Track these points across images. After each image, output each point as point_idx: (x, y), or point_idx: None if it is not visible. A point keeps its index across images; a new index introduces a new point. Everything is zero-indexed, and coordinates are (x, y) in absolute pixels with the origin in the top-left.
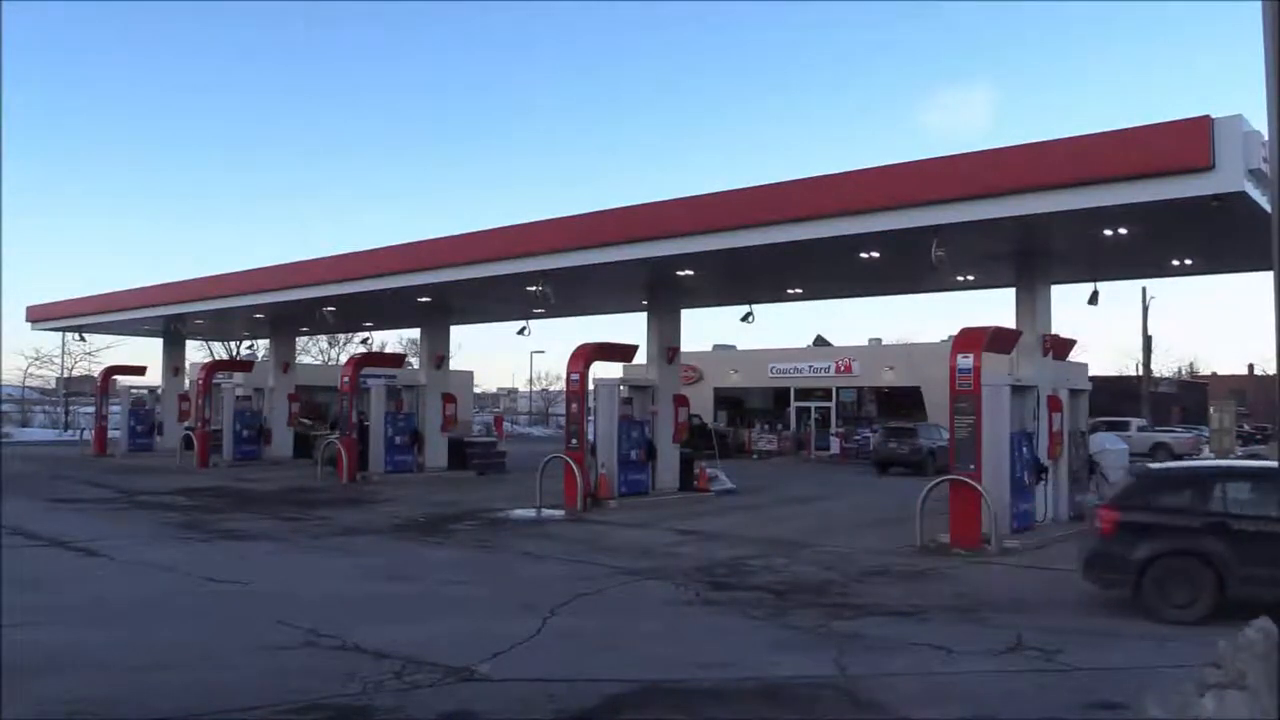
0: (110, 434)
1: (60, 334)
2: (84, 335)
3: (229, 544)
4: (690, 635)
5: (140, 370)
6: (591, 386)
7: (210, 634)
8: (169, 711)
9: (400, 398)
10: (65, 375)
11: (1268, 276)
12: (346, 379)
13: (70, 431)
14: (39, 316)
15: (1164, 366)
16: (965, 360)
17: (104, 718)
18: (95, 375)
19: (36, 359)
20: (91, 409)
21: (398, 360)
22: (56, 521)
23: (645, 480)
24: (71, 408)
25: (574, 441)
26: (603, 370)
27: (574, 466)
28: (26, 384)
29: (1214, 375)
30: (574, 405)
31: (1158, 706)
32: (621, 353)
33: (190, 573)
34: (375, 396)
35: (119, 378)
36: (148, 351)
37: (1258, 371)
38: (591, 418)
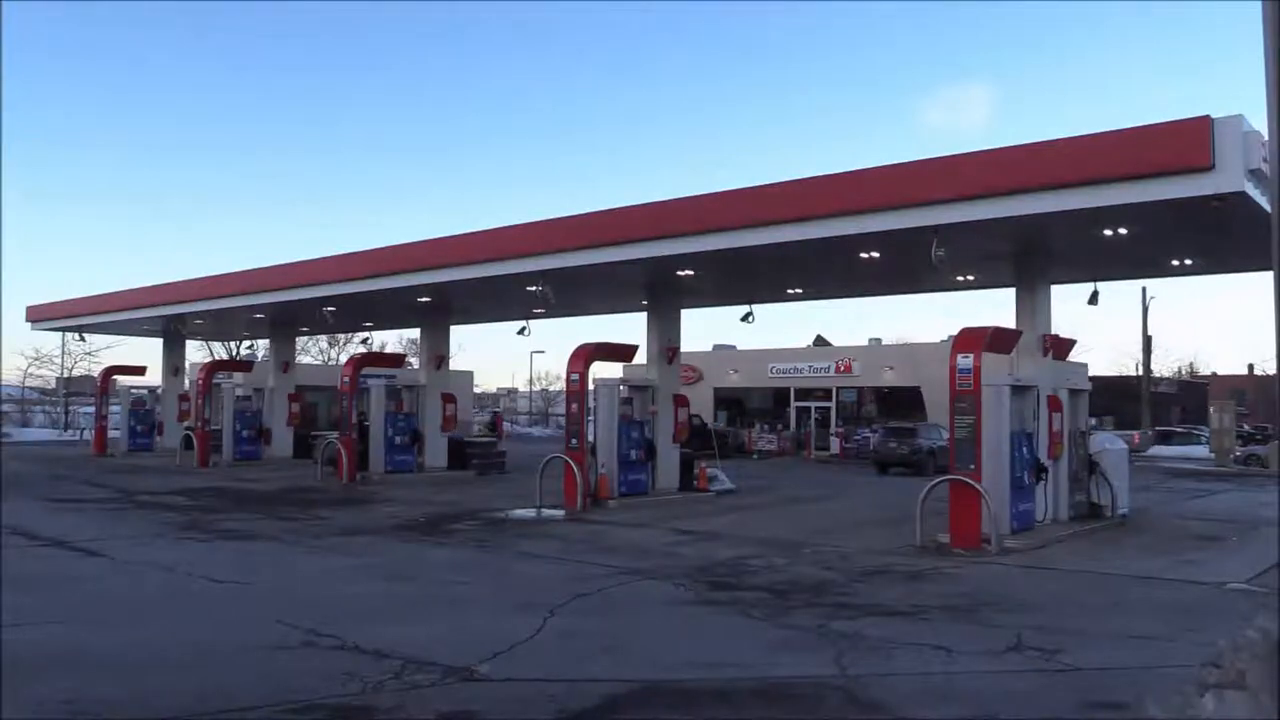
0: (110, 434)
1: (60, 334)
2: (84, 335)
3: (229, 544)
4: (690, 635)
5: (140, 370)
6: (591, 386)
7: (210, 634)
8: (169, 711)
9: (400, 398)
10: (65, 375)
11: (1268, 276)
12: (346, 379)
13: (70, 431)
14: (39, 316)
15: (1164, 366)
16: (965, 360)
17: (104, 718)
18: (95, 375)
19: (36, 359)
20: (91, 409)
21: (398, 360)
22: (57, 521)
23: (645, 480)
24: (71, 408)
25: (574, 441)
26: (603, 370)
27: (574, 466)
28: (26, 384)
29: (1214, 375)
30: (574, 405)
31: (1158, 706)
32: (621, 353)
33: (190, 573)
34: (375, 396)
35: (119, 378)
36: (148, 351)
37: (1258, 371)
38: (591, 418)
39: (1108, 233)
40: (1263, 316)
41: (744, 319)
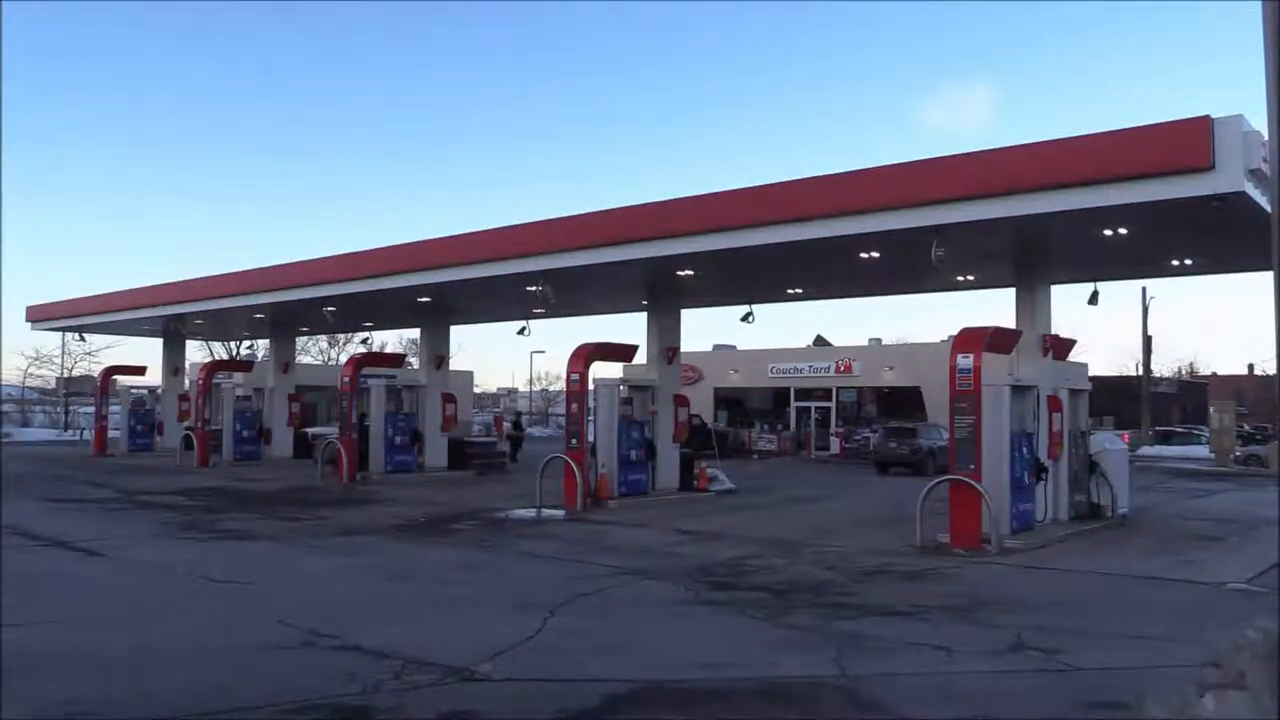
0: (110, 434)
1: (60, 334)
2: (84, 335)
3: (229, 544)
4: (690, 635)
5: (140, 370)
6: (591, 386)
7: (210, 634)
8: (169, 711)
9: (400, 398)
10: (65, 375)
11: (1268, 276)
12: (346, 379)
13: (70, 432)
14: (39, 316)
15: (1164, 366)
16: (965, 360)
17: (104, 718)
18: (95, 375)
19: (36, 359)
20: (91, 409)
21: (398, 360)
22: (57, 521)
23: (645, 480)
24: (71, 408)
25: (574, 441)
26: (603, 370)
27: (574, 466)
28: (26, 384)
29: (1214, 375)
30: (574, 405)
31: (1158, 706)
32: (621, 353)
33: (190, 573)
34: (375, 396)
35: (119, 378)
36: (148, 351)
37: (1258, 371)
38: (591, 418)
39: (1108, 233)
40: (1263, 316)
41: (744, 319)
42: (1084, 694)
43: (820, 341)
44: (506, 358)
